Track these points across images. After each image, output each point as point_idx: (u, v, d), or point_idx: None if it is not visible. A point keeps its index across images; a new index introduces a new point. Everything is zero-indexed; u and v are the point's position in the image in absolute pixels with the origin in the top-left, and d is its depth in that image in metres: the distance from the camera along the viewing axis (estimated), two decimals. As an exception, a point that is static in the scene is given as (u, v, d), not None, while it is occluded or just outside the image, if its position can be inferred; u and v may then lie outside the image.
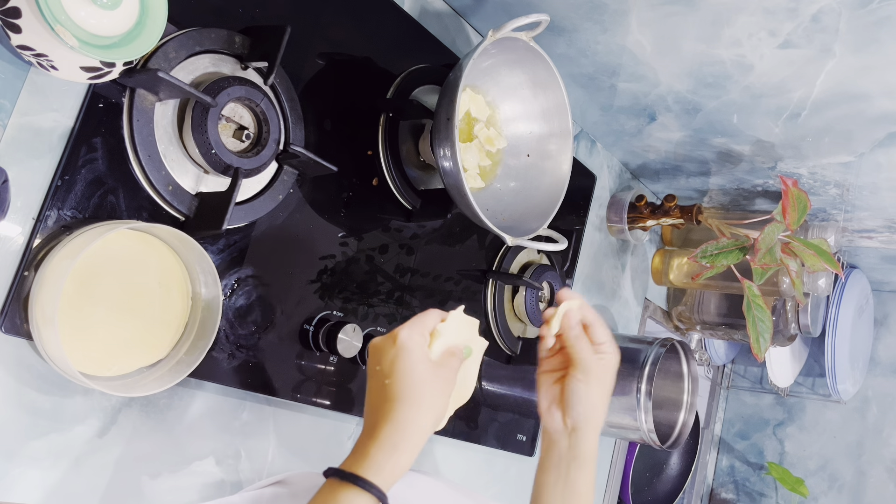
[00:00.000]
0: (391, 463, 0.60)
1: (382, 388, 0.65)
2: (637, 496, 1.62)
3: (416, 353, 0.65)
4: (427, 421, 0.63)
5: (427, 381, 0.64)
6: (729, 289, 1.54)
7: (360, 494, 0.58)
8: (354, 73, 0.97)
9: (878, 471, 1.82)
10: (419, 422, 0.63)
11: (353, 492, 0.59)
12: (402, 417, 0.62)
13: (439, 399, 0.65)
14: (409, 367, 0.64)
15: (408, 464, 0.62)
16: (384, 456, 0.61)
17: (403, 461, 0.61)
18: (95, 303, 0.71)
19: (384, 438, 0.61)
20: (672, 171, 1.51)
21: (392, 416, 0.62)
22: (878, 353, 1.89)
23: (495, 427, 1.20)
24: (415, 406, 0.63)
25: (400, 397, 0.63)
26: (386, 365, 0.65)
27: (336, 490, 0.59)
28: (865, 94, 1.05)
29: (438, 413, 0.65)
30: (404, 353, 0.65)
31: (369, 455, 0.60)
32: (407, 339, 0.65)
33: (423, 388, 0.64)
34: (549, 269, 1.25)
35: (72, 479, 0.75)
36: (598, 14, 1.03)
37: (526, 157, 1.08)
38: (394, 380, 0.64)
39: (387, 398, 0.64)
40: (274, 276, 0.88)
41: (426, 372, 0.64)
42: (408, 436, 0.62)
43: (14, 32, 0.62)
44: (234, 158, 0.79)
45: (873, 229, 1.51)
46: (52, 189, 0.70)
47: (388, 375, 0.64)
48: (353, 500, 0.58)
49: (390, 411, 0.63)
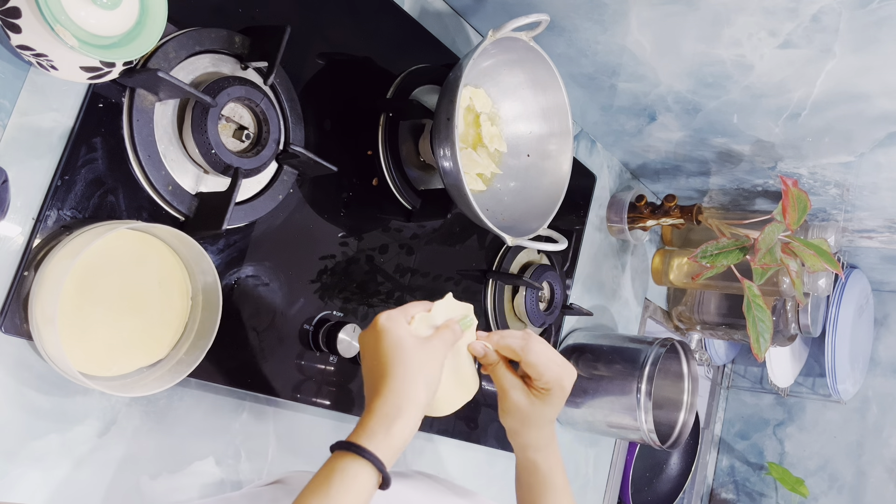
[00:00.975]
0: (384, 430, 0.62)
1: (372, 371, 0.67)
2: (637, 496, 1.62)
3: (396, 330, 0.67)
4: (418, 390, 0.65)
5: (411, 352, 0.66)
6: (729, 289, 1.54)
7: (356, 460, 0.60)
8: (354, 73, 0.97)
9: (878, 471, 1.82)
10: (409, 391, 0.64)
11: (349, 458, 0.60)
12: (391, 388, 0.64)
13: (428, 367, 0.67)
14: (391, 342, 0.66)
15: (403, 434, 0.63)
16: (377, 424, 0.62)
17: (397, 430, 0.63)
18: (95, 303, 0.71)
19: (376, 410, 0.64)
20: (672, 171, 1.51)
21: (382, 390, 0.65)
22: (878, 353, 1.89)
23: (495, 427, 1.20)
24: (402, 377, 0.65)
25: (387, 372, 0.65)
26: (370, 349, 0.68)
27: (338, 460, 0.61)
28: (865, 94, 1.05)
29: (430, 381, 0.67)
30: (384, 332, 0.67)
31: (365, 426, 0.63)
32: (385, 320, 0.68)
33: (409, 358, 0.66)
34: (549, 269, 1.25)
35: (72, 479, 0.75)
36: (598, 14, 1.03)
37: (526, 157, 1.08)
38: (379, 357, 0.66)
39: (377, 376, 0.66)
40: (274, 276, 0.88)
41: (410, 344, 0.67)
42: (400, 405, 0.64)
43: (14, 32, 0.62)
44: (234, 158, 0.79)
45: (873, 229, 1.51)
46: (52, 189, 0.70)
47: (374, 357, 0.67)
48: (350, 466, 0.60)
49: (381, 386, 0.65)
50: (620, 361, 1.31)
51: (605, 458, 1.56)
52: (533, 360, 0.73)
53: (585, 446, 1.50)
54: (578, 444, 1.48)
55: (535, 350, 0.73)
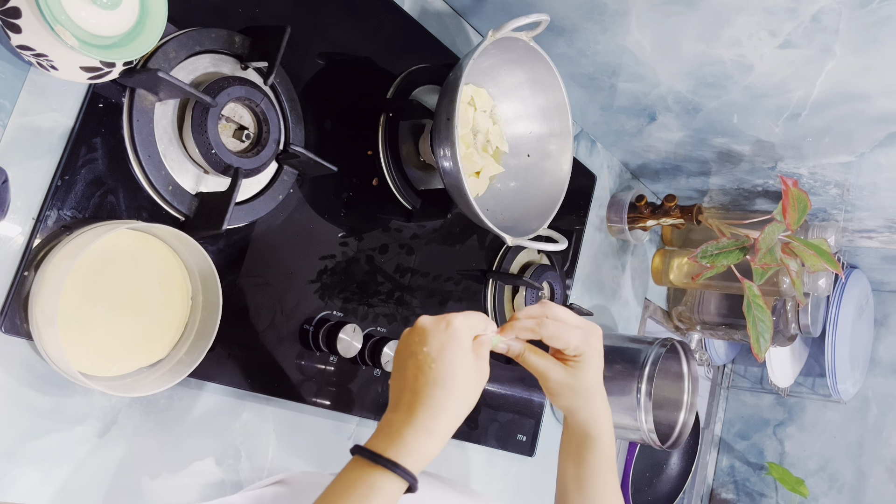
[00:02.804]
0: (424, 448, 0.59)
1: (424, 370, 0.62)
2: (637, 496, 1.62)
3: (467, 344, 0.63)
4: (462, 411, 0.62)
5: (469, 372, 0.63)
6: (729, 289, 1.54)
7: (390, 477, 0.57)
8: (354, 73, 0.97)
9: (878, 471, 1.82)
10: (455, 410, 0.62)
11: (383, 475, 0.57)
12: (442, 403, 0.61)
13: (475, 391, 0.64)
14: (459, 354, 0.62)
15: (437, 451, 0.60)
16: (419, 441, 0.59)
17: (434, 448, 0.60)
18: (95, 303, 0.71)
19: (420, 422, 0.60)
20: (672, 171, 1.51)
21: (433, 401, 0.61)
22: (878, 353, 1.89)
23: (495, 427, 1.20)
24: (455, 394, 0.61)
25: (444, 383, 0.61)
26: (434, 348, 0.63)
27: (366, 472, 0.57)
28: (865, 94, 1.05)
29: (471, 405, 0.64)
30: (456, 341, 0.63)
31: (403, 438, 0.59)
32: (461, 328, 0.64)
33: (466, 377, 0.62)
34: (549, 269, 1.25)
35: (72, 479, 0.75)
36: (598, 14, 1.03)
37: (526, 157, 1.08)
38: (440, 364, 0.62)
39: (428, 381, 0.62)
40: (274, 276, 0.88)
41: (471, 363, 0.63)
42: (444, 423, 0.61)
43: (14, 32, 0.62)
44: (234, 158, 0.79)
45: (873, 229, 1.51)
46: (52, 189, 0.70)
47: (435, 359, 0.62)
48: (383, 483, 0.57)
49: (432, 396, 0.61)
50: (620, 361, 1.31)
51: (605, 458, 1.56)
52: (552, 331, 0.69)
53: (585, 446, 1.50)
54: (578, 444, 1.48)
55: (551, 321, 0.70)
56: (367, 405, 0.99)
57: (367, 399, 0.99)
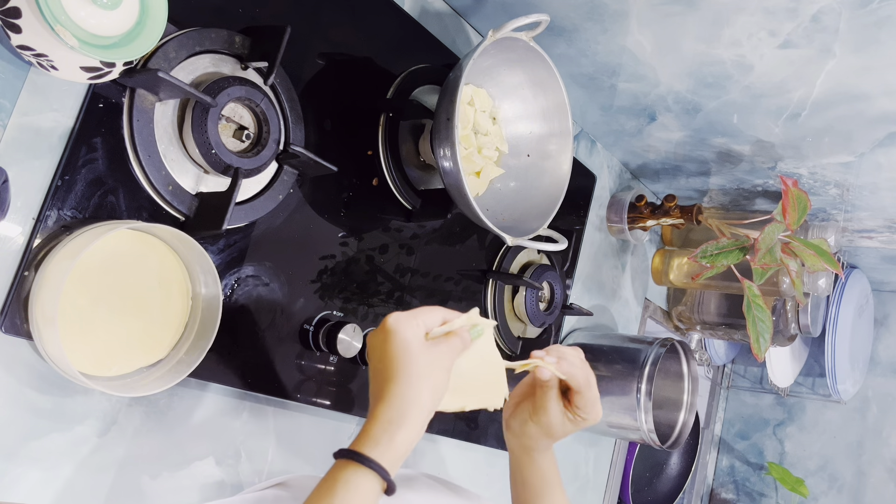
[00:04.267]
0: (388, 438, 0.61)
1: (377, 373, 0.66)
2: (637, 496, 1.62)
3: (404, 333, 0.65)
4: (423, 396, 0.64)
5: (417, 356, 0.65)
6: (729, 289, 1.54)
7: (360, 469, 0.59)
8: (354, 73, 0.97)
9: (878, 471, 1.82)
10: (414, 397, 0.63)
11: (352, 468, 0.60)
12: (396, 393, 0.63)
13: (436, 374, 0.65)
14: (398, 345, 0.65)
15: (408, 439, 0.62)
16: (381, 431, 0.61)
17: (401, 437, 0.62)
18: (95, 303, 0.71)
19: (380, 416, 0.62)
20: (672, 171, 1.51)
21: (387, 395, 0.63)
22: (878, 353, 1.89)
23: (495, 427, 1.20)
24: (406, 382, 0.63)
25: (393, 376, 0.64)
26: (377, 350, 0.66)
27: (340, 468, 0.60)
28: (865, 94, 1.05)
29: (436, 387, 0.65)
30: (392, 334, 0.65)
31: (368, 433, 0.62)
32: (394, 322, 0.66)
33: (414, 363, 0.64)
34: (549, 269, 1.25)
35: (72, 479, 0.75)
36: (598, 14, 1.03)
37: (526, 157, 1.08)
38: (385, 361, 0.65)
39: (382, 380, 0.65)
40: (274, 276, 0.88)
41: (416, 348, 0.65)
42: (404, 411, 0.62)
43: (14, 32, 0.62)
44: (234, 158, 0.79)
45: (873, 229, 1.51)
46: (52, 189, 0.70)
47: (380, 359, 0.66)
48: (353, 476, 0.59)
49: (385, 391, 0.64)
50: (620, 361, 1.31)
51: (605, 458, 1.56)
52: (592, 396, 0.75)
53: (585, 446, 1.50)
54: (578, 444, 1.48)
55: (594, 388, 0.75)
56: (367, 405, 0.99)
57: (367, 399, 0.98)
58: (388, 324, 0.66)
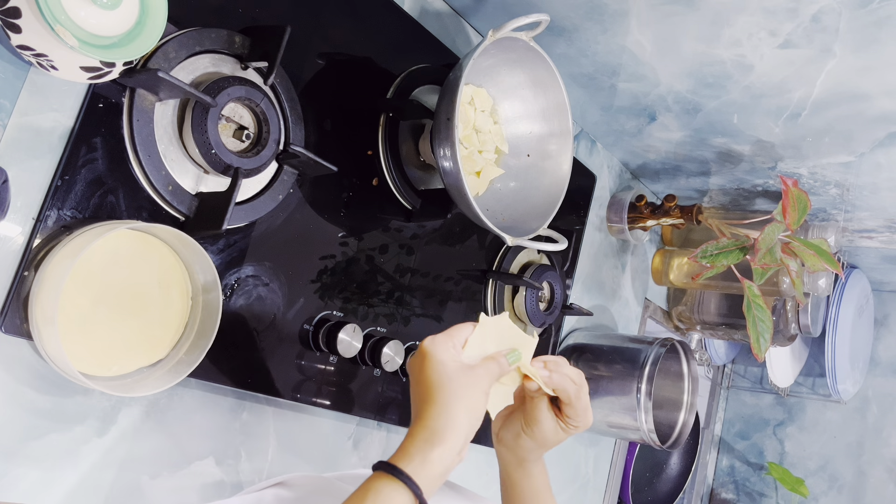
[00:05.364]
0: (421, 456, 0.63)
1: (416, 396, 0.68)
2: (637, 496, 1.62)
3: (441, 355, 0.67)
4: (459, 417, 0.65)
5: (454, 379, 0.66)
6: (729, 289, 1.54)
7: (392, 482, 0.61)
8: (354, 73, 0.97)
9: (878, 471, 1.82)
10: (449, 417, 0.65)
11: (386, 480, 0.61)
12: (431, 414, 0.65)
13: (472, 395, 0.67)
14: (434, 368, 0.67)
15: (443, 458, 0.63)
16: (415, 449, 0.63)
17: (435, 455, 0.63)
18: (95, 303, 0.71)
19: (416, 435, 0.64)
20: (672, 171, 1.51)
21: (423, 415, 0.65)
22: (878, 353, 1.89)
23: (495, 427, 1.20)
24: (442, 403, 0.65)
25: (429, 398, 0.66)
26: (415, 373, 0.68)
27: (375, 479, 0.62)
28: (865, 94, 1.05)
29: (472, 409, 0.67)
30: (429, 357, 0.67)
31: (404, 450, 0.64)
32: (429, 344, 0.68)
33: (449, 385, 0.66)
34: (549, 269, 1.25)
35: (72, 479, 0.75)
36: (598, 14, 1.03)
37: (526, 157, 1.08)
38: (422, 384, 0.67)
39: (420, 402, 0.67)
40: (274, 276, 0.88)
41: (454, 371, 0.67)
42: (438, 431, 0.64)
43: (14, 32, 0.62)
44: (234, 158, 0.79)
45: (873, 229, 1.51)
46: (52, 189, 0.70)
47: (418, 382, 0.68)
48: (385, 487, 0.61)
49: (423, 412, 0.66)
50: (620, 361, 1.31)
51: (605, 458, 1.56)
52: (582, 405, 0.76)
53: (585, 446, 1.50)
54: (578, 444, 1.48)
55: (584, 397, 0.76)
56: (367, 405, 0.99)
57: (367, 399, 0.99)
58: (425, 347, 0.68)
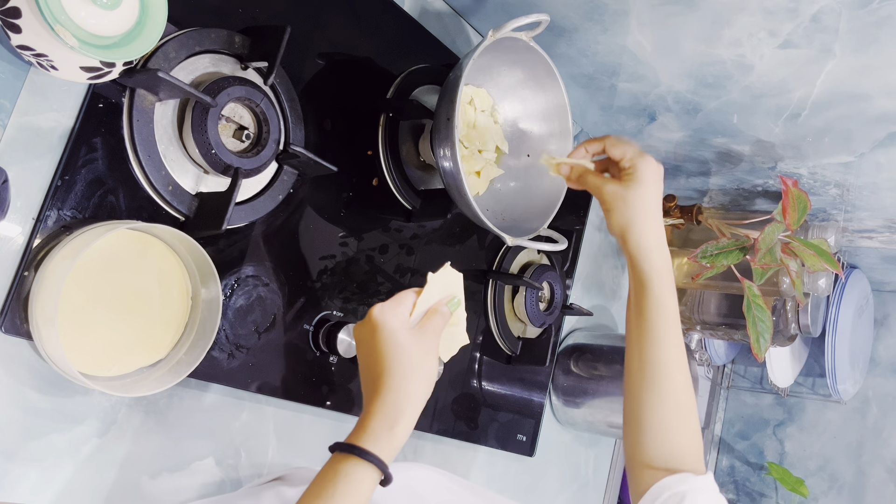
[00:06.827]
0: (386, 432, 0.62)
1: (369, 367, 0.67)
2: (637, 496, 1.62)
3: (391, 324, 0.66)
4: (418, 387, 0.65)
5: (407, 349, 0.66)
6: (729, 289, 1.53)
7: (360, 463, 0.60)
8: (354, 73, 0.97)
9: (878, 471, 1.82)
10: (410, 389, 0.64)
11: (352, 461, 0.60)
12: (391, 387, 0.64)
13: (427, 362, 0.66)
14: (387, 338, 0.66)
15: (405, 432, 0.63)
16: (379, 426, 0.62)
17: (399, 430, 0.63)
18: (95, 303, 0.71)
19: (377, 411, 0.63)
20: (672, 171, 1.51)
21: (381, 389, 0.64)
22: (878, 353, 1.89)
23: (495, 427, 1.20)
24: (401, 375, 0.65)
25: (385, 370, 0.65)
26: (366, 343, 0.67)
27: (338, 461, 0.61)
28: (865, 94, 1.05)
29: (429, 376, 0.66)
30: (379, 328, 0.66)
31: (366, 428, 0.63)
32: (378, 314, 0.67)
33: (405, 355, 0.65)
34: (549, 269, 1.25)
35: (72, 479, 0.75)
36: (598, 14, 1.03)
37: (526, 157, 1.08)
38: (376, 354, 0.66)
39: (375, 374, 0.66)
40: (274, 276, 0.88)
41: (405, 340, 0.66)
42: (401, 405, 0.64)
43: (14, 32, 0.62)
44: (234, 158, 0.79)
45: (873, 229, 1.51)
46: (52, 189, 0.70)
47: (370, 353, 0.67)
48: (353, 469, 0.60)
49: (380, 385, 0.65)
50: (620, 361, 1.31)
51: (605, 458, 1.56)
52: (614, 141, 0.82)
53: (585, 446, 1.50)
54: (578, 444, 1.48)
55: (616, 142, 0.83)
56: (367, 405, 0.99)
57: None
58: (374, 316, 0.67)
